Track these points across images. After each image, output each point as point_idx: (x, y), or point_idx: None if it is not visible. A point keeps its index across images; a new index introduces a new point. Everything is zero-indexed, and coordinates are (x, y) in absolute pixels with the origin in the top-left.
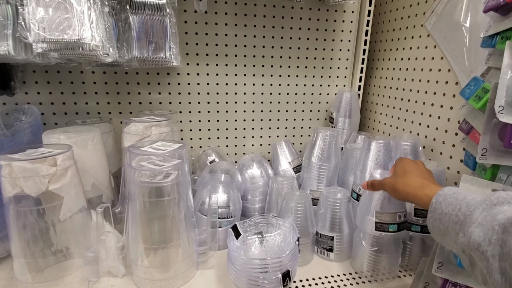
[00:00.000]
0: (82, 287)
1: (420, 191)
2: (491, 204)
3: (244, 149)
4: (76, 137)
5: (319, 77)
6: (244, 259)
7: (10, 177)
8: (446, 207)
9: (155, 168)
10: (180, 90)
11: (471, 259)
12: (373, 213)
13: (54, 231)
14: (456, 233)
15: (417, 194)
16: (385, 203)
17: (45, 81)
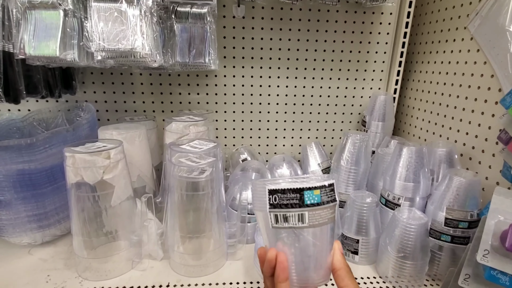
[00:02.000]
0: (127, 265)
1: None
2: None
3: (275, 149)
4: (126, 134)
5: (353, 80)
6: None
7: (73, 166)
8: None
9: (192, 164)
10: (216, 91)
11: None
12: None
13: (106, 215)
14: None
15: None
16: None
17: (100, 81)
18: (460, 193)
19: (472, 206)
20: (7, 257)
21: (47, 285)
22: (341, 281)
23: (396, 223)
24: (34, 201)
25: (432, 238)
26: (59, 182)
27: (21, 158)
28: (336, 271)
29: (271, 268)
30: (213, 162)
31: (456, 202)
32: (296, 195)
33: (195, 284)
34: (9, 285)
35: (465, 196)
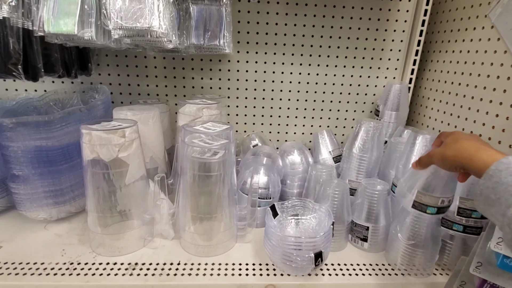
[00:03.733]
0: (139, 243)
1: (475, 155)
2: None
3: (286, 136)
4: (140, 114)
5: (368, 68)
6: (280, 235)
7: (90, 143)
8: (506, 176)
9: (204, 145)
10: (229, 76)
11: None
12: (414, 191)
13: (120, 193)
14: (508, 205)
15: (471, 158)
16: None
17: (115, 64)
18: (474, 183)
19: None
20: (24, 231)
21: (62, 259)
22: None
23: (407, 211)
24: (51, 178)
25: (444, 227)
26: (75, 160)
27: (39, 135)
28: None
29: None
30: (226, 144)
31: (470, 192)
32: None
33: (205, 263)
34: (26, 257)
35: None
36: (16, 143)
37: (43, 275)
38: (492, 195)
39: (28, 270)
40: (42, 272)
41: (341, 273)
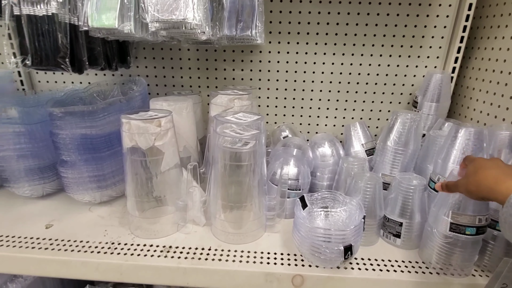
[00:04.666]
0: (172, 228)
1: (494, 188)
2: None
3: (317, 128)
4: (175, 105)
5: (406, 57)
6: (309, 226)
7: (129, 132)
8: None
9: (235, 135)
10: (260, 67)
11: None
12: (449, 213)
13: (156, 180)
14: None
15: (492, 191)
16: (465, 203)
17: (151, 56)
18: None
19: None
20: (72, 212)
21: (105, 238)
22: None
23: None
24: (94, 164)
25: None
26: (115, 148)
27: (84, 124)
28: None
29: None
30: (257, 134)
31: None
32: None
33: (234, 250)
34: (73, 235)
35: None
36: (65, 131)
37: (88, 253)
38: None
39: (75, 247)
40: (87, 250)
41: (371, 268)
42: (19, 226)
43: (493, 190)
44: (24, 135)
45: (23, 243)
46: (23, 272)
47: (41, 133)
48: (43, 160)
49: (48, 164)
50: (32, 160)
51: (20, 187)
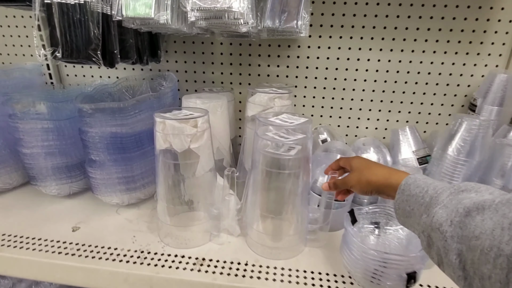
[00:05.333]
0: (204, 237)
1: (390, 179)
2: (459, 190)
3: (356, 131)
4: (209, 103)
5: (463, 54)
6: (363, 247)
7: (163, 133)
8: (414, 189)
9: (279, 139)
10: (298, 63)
11: (429, 240)
12: None
13: (188, 184)
14: (420, 214)
15: (388, 182)
16: None
17: (182, 51)
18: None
19: None
20: (99, 214)
21: (133, 246)
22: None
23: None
24: (124, 164)
25: None
26: (145, 147)
27: (114, 122)
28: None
29: None
30: (303, 139)
31: None
32: None
33: (273, 267)
34: (100, 240)
35: None
36: (94, 128)
37: (117, 261)
38: (407, 207)
39: (103, 254)
40: (115, 258)
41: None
42: (46, 227)
43: (384, 184)
44: (52, 131)
45: (50, 247)
46: (48, 279)
47: (69, 129)
48: (70, 158)
49: (76, 162)
50: (60, 158)
51: (47, 186)
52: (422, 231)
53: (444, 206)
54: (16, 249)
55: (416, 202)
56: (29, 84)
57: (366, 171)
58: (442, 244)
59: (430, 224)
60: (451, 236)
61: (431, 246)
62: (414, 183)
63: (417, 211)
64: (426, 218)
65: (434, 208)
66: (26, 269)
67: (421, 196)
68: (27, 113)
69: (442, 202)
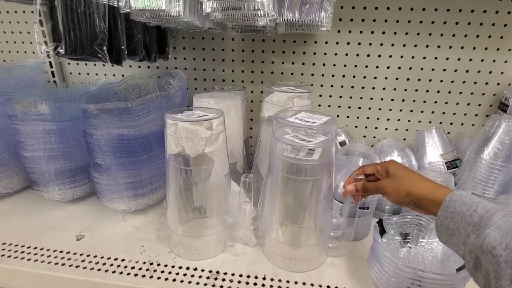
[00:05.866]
0: (218, 247)
1: (434, 193)
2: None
3: (375, 132)
4: (222, 103)
5: (494, 50)
6: (397, 262)
7: (175, 136)
8: (460, 206)
9: (300, 143)
10: (314, 60)
11: (477, 262)
12: None
13: (201, 191)
14: (466, 233)
15: (431, 196)
16: None
17: (191, 47)
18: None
19: None
20: (104, 221)
21: (142, 257)
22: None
23: None
24: (131, 169)
25: None
26: (154, 151)
27: (122, 123)
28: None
29: None
30: (326, 142)
31: None
32: None
33: (294, 281)
34: (107, 250)
35: None
36: (100, 131)
37: (124, 274)
38: (451, 224)
39: (110, 266)
40: (123, 271)
41: None
42: (48, 235)
43: (426, 198)
44: (55, 133)
45: (52, 258)
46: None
47: (73, 131)
48: (74, 161)
49: (80, 166)
50: (63, 162)
51: (50, 191)
52: (469, 252)
53: (498, 228)
54: (17, 260)
55: (462, 221)
56: (30, 82)
57: (406, 180)
58: (494, 268)
59: (481, 246)
60: (505, 261)
61: (478, 269)
62: (459, 200)
63: (462, 230)
64: (476, 239)
65: (486, 230)
66: (27, 282)
67: (469, 214)
68: (28, 114)
69: (495, 223)
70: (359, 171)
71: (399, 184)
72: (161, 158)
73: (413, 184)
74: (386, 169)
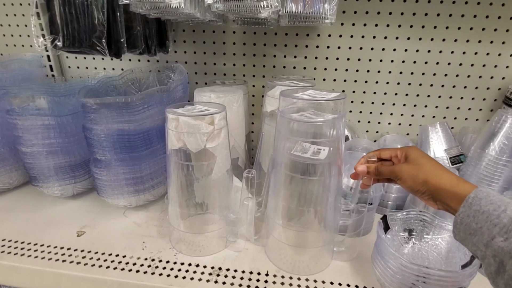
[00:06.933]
0: (220, 243)
1: (457, 186)
2: None
3: (378, 126)
4: (224, 97)
5: (499, 44)
6: (402, 259)
7: (176, 131)
8: (486, 205)
9: (309, 118)
10: (317, 54)
11: (500, 266)
12: None
13: (202, 186)
14: (491, 235)
15: (454, 190)
16: None
17: (191, 40)
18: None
19: None
20: (104, 216)
21: (143, 253)
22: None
23: None
24: (132, 164)
25: None
26: (154, 146)
27: (122, 118)
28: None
29: None
30: (335, 120)
31: None
32: None
33: (297, 277)
34: (108, 246)
35: None
36: (100, 125)
37: (126, 271)
38: (473, 223)
39: (111, 262)
40: (124, 267)
41: None
42: (48, 231)
43: (446, 191)
44: (54, 128)
45: (53, 254)
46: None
47: (72, 126)
48: (74, 156)
49: (79, 161)
50: (63, 157)
51: (49, 187)
52: (493, 255)
53: None
54: (16, 256)
55: (487, 221)
56: (28, 76)
57: (427, 168)
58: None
59: (510, 251)
60: None
61: (501, 274)
62: (486, 198)
63: (486, 230)
64: (503, 243)
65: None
66: (27, 278)
67: (496, 215)
68: (26, 108)
69: None
70: (374, 153)
71: (418, 171)
72: (162, 153)
73: (434, 174)
74: (406, 154)
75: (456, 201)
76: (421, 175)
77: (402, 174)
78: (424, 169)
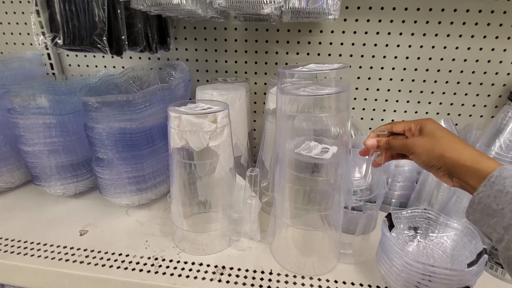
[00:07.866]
0: (223, 242)
1: (480, 163)
2: None
3: (381, 124)
4: (227, 95)
5: (505, 39)
6: (407, 258)
7: (179, 129)
8: (511, 185)
9: (313, 92)
10: (320, 50)
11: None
12: None
13: (205, 185)
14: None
15: (476, 166)
16: None
17: (193, 37)
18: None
19: None
20: (107, 215)
21: (147, 252)
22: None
23: None
24: (134, 163)
25: None
26: (156, 144)
27: (123, 116)
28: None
29: None
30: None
31: None
32: None
33: (301, 276)
34: (111, 245)
35: None
36: (101, 124)
37: (129, 270)
38: (494, 204)
39: (114, 262)
40: (127, 266)
41: None
42: (51, 231)
43: (466, 167)
44: (55, 127)
45: (56, 253)
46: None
47: (73, 125)
48: (76, 155)
49: (81, 160)
50: (65, 156)
51: (51, 186)
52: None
53: None
54: (19, 255)
55: (511, 202)
56: (29, 75)
57: (445, 142)
58: None
59: None
60: None
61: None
62: (511, 178)
63: (509, 213)
64: None
65: None
66: (29, 278)
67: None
68: (27, 107)
69: None
70: (385, 126)
71: (434, 145)
72: (164, 151)
73: (452, 148)
74: (420, 127)
75: (476, 178)
76: (437, 149)
77: (416, 148)
78: (441, 143)
